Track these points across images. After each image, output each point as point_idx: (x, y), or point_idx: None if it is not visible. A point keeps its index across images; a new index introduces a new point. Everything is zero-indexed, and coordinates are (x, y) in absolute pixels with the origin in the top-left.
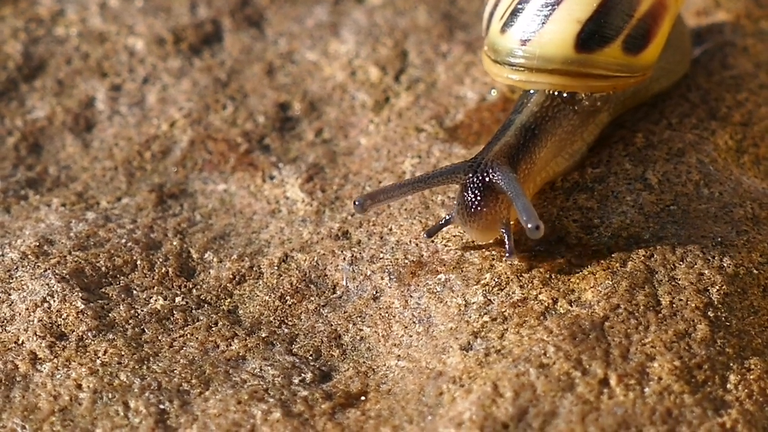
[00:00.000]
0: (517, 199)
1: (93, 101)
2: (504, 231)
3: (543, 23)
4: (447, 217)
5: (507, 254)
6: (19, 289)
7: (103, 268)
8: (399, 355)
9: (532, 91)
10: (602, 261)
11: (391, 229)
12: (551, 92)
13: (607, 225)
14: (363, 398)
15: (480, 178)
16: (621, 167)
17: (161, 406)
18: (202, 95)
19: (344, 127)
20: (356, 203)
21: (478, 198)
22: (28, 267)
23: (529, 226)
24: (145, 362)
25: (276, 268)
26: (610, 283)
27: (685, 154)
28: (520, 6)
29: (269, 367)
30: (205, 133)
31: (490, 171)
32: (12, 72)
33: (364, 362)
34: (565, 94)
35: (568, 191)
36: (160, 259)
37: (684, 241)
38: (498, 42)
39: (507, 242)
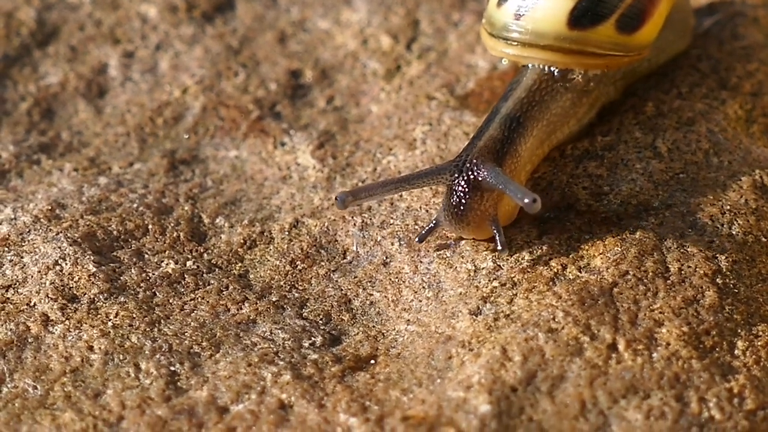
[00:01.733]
0: (507, 186)
1: (106, 68)
2: (494, 227)
3: None
4: (434, 221)
5: (499, 249)
6: (31, 252)
7: (115, 232)
8: (408, 320)
9: (521, 75)
10: (612, 228)
11: (401, 196)
12: (543, 71)
13: (617, 192)
14: (372, 362)
15: (466, 178)
16: (631, 135)
17: (172, 368)
18: (214, 62)
19: (355, 94)
20: (337, 198)
21: (466, 198)
22: (41, 230)
23: (526, 200)
24: (156, 325)
25: (287, 233)
26: (619, 249)
27: (694, 123)
28: None
29: (279, 331)
30: (217, 99)
31: (476, 169)
32: (25, 38)
33: (373, 326)
34: (557, 72)
35: (578, 159)
36: (172, 224)
37: (693, 209)
38: (494, 15)
39: (498, 237)
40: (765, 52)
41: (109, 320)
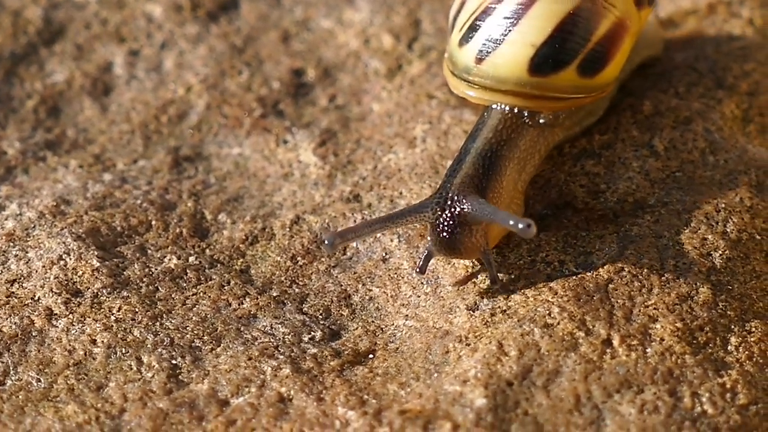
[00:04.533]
0: (495, 216)
1: (111, 66)
2: (486, 260)
3: (498, 44)
4: (427, 252)
5: (491, 283)
6: (36, 247)
7: (119, 228)
8: (407, 315)
9: (486, 114)
10: (608, 225)
11: (401, 193)
12: (506, 111)
13: (614, 190)
14: (371, 356)
15: (450, 213)
16: (628, 134)
17: (173, 362)
18: (218, 61)
19: (357, 93)
20: (325, 242)
21: (453, 234)
22: (45, 226)
23: (520, 227)
24: (159, 319)
25: (288, 229)
26: (616, 246)
27: (691, 122)
28: (478, 22)
29: (280, 325)
30: (220, 97)
31: (459, 203)
32: (32, 36)
33: (372, 321)
34: (525, 112)
35: (576, 157)
36: (175, 220)
37: (689, 207)
38: (456, 55)
39: (489, 272)
40: (762, 52)
41: (112, 314)
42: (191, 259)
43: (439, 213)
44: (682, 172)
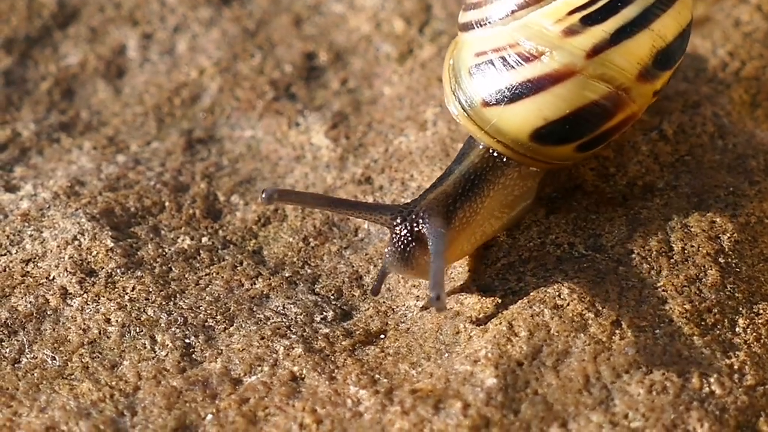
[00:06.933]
0: (435, 259)
1: (124, 49)
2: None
3: (512, 100)
4: (382, 271)
5: (431, 302)
6: (50, 227)
7: (132, 209)
8: (418, 296)
9: (475, 142)
10: (617, 208)
11: (412, 176)
12: (485, 151)
13: (623, 173)
14: (382, 336)
15: (408, 228)
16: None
17: (187, 341)
18: (230, 44)
19: (369, 77)
20: (263, 194)
21: (409, 248)
22: (60, 206)
23: (431, 294)
24: (172, 299)
25: (300, 211)
26: (625, 229)
27: (700, 107)
28: (500, 60)
29: (292, 306)
30: (233, 80)
31: (420, 222)
32: (46, 20)
33: (383, 302)
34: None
35: None
36: (188, 201)
37: (697, 191)
38: (462, 77)
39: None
40: None
41: (126, 294)
42: (204, 239)
43: (398, 222)
44: (691, 156)
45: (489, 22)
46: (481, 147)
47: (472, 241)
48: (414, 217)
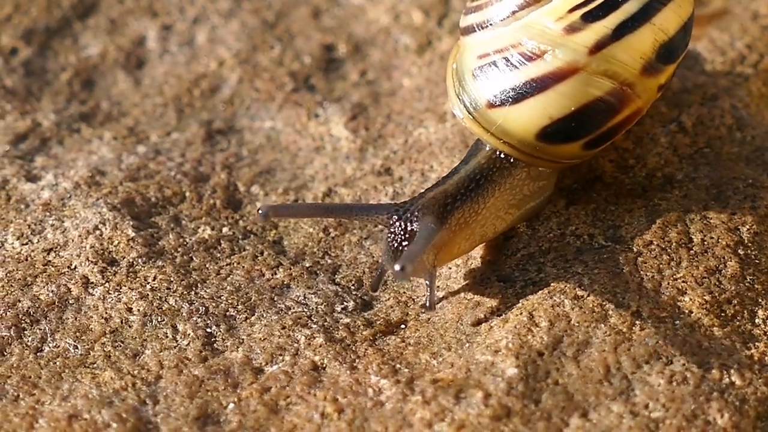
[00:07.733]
0: (417, 242)
1: (144, 40)
2: (427, 282)
3: (516, 100)
4: (380, 269)
5: (425, 307)
6: (72, 217)
7: (153, 199)
8: (438, 286)
9: (481, 144)
10: (637, 199)
11: (432, 167)
12: (491, 152)
13: (642, 165)
14: (403, 326)
15: (402, 226)
16: (657, 110)
17: (208, 330)
18: (250, 36)
19: (387, 68)
20: (260, 211)
21: (402, 246)
22: (81, 196)
23: (396, 267)
24: (193, 288)
25: (320, 201)
26: (644, 220)
27: (718, 99)
28: (503, 60)
29: (313, 296)
30: (252, 72)
31: (414, 220)
32: (66, 11)
33: (404, 292)
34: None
35: None
36: (208, 192)
37: (716, 182)
38: (466, 79)
39: (428, 294)
40: None
41: (148, 283)
42: (225, 230)
43: (395, 220)
44: (710, 147)
45: (490, 24)
46: (488, 148)
47: (471, 241)
48: (409, 215)
